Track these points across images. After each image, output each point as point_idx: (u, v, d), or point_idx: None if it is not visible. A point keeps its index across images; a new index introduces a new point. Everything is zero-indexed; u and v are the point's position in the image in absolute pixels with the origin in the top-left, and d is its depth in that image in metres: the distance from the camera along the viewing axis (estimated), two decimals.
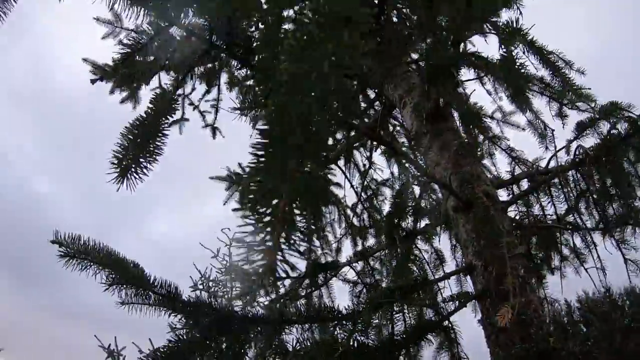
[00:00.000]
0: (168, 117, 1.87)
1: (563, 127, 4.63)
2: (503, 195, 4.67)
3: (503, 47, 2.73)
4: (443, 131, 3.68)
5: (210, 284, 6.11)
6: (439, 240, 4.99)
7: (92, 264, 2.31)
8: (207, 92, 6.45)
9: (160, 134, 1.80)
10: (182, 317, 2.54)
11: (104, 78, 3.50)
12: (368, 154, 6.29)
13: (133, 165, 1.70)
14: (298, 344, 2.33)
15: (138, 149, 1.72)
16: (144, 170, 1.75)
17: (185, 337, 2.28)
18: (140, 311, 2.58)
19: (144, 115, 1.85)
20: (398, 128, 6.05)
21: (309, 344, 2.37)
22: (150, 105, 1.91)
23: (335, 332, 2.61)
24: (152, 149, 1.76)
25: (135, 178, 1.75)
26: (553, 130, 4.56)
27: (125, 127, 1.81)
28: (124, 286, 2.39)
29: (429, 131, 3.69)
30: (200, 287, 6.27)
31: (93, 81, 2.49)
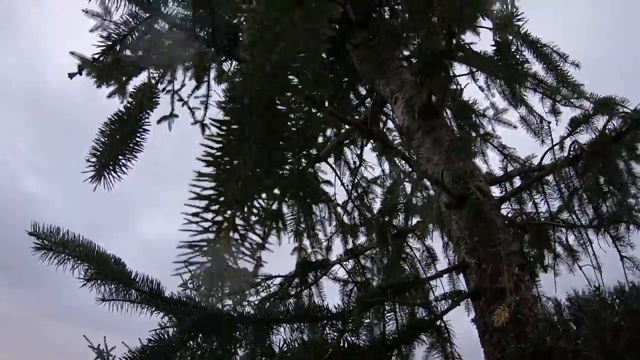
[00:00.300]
0: (149, 111, 1.78)
1: (556, 124, 4.58)
2: (496, 192, 4.61)
3: (497, 32, 2.66)
4: (435, 127, 3.60)
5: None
6: (432, 238, 4.93)
7: (69, 257, 2.21)
8: (197, 88, 6.37)
9: (140, 130, 1.71)
10: (165, 315, 2.46)
11: (91, 72, 3.41)
12: (359, 151, 6.23)
13: (111, 163, 1.61)
14: (285, 345, 2.24)
15: (117, 145, 1.62)
16: (123, 168, 1.65)
17: (166, 335, 2.19)
18: (121, 308, 2.49)
19: (124, 110, 1.75)
20: (389, 124, 6.00)
21: (296, 345, 2.27)
22: (131, 99, 1.82)
23: (325, 332, 2.53)
24: (131, 145, 1.66)
25: (114, 177, 1.65)
26: (549, 123, 4.47)
27: (104, 122, 1.72)
28: (104, 282, 2.29)
29: (420, 127, 3.62)
30: (190, 286, 6.24)
31: (71, 75, 2.39)
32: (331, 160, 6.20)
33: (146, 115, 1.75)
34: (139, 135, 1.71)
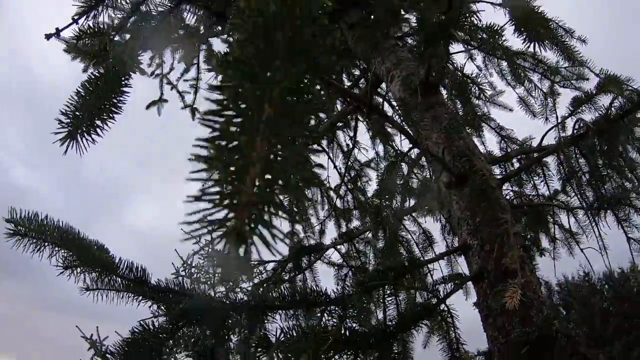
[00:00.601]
0: (131, 72, 1.62)
1: (554, 105, 4.44)
2: (495, 173, 4.49)
3: None
4: (434, 104, 3.47)
5: (193, 270, 5.92)
6: (434, 220, 4.82)
7: (46, 244, 2.05)
8: (186, 71, 6.15)
9: (120, 91, 1.55)
10: (154, 303, 2.31)
11: (79, 57, 3.25)
12: (352, 133, 6.09)
13: (85, 125, 1.45)
14: (282, 334, 2.09)
15: (92, 106, 1.46)
16: (97, 131, 1.49)
17: (151, 326, 2.03)
18: (106, 297, 2.33)
19: (102, 72, 1.60)
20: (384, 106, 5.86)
21: (294, 333, 2.12)
22: (111, 61, 1.66)
23: (324, 319, 2.39)
24: (109, 106, 1.50)
25: (87, 139, 1.49)
26: (555, 100, 4.32)
27: (81, 83, 1.56)
28: (85, 269, 2.13)
29: (419, 104, 3.48)
30: (183, 273, 6.08)
31: (48, 36, 2.23)
32: (324, 143, 6.06)
33: (126, 77, 1.59)
34: (117, 96, 1.54)
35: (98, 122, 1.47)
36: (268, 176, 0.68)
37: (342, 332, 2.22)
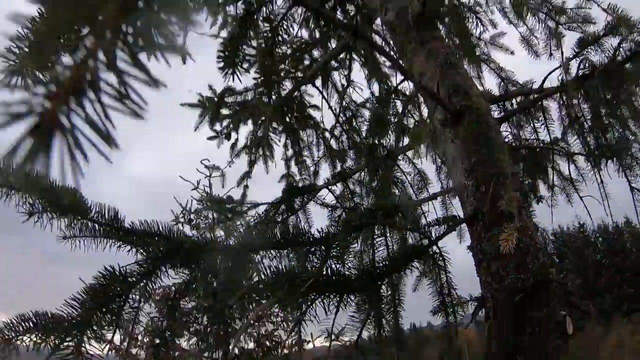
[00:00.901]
0: None
1: (558, 48, 4.20)
2: (494, 113, 4.30)
3: None
4: (429, 39, 3.26)
5: (192, 216, 5.81)
6: (425, 159, 4.66)
7: (13, 191, 1.93)
8: None
9: None
10: (132, 247, 2.18)
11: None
12: (346, 72, 5.85)
13: None
14: (256, 275, 1.96)
15: None
16: None
17: (118, 270, 1.91)
18: (84, 244, 2.20)
19: None
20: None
21: (270, 274, 1.99)
22: None
23: (308, 259, 2.26)
24: None
25: None
26: (559, 40, 4.03)
27: None
28: (53, 215, 2.00)
29: (413, 39, 3.27)
30: (182, 220, 5.97)
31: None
32: (318, 83, 5.84)
33: None
34: None
35: None
36: None
37: (324, 272, 2.10)
